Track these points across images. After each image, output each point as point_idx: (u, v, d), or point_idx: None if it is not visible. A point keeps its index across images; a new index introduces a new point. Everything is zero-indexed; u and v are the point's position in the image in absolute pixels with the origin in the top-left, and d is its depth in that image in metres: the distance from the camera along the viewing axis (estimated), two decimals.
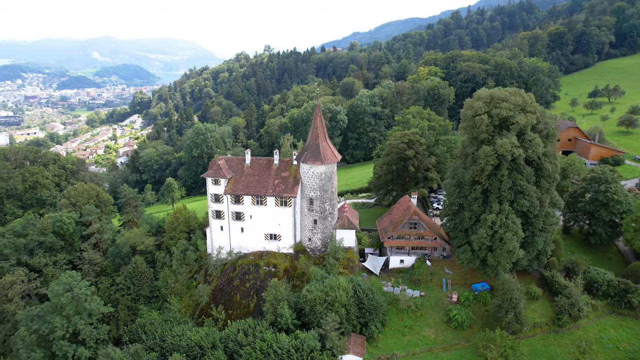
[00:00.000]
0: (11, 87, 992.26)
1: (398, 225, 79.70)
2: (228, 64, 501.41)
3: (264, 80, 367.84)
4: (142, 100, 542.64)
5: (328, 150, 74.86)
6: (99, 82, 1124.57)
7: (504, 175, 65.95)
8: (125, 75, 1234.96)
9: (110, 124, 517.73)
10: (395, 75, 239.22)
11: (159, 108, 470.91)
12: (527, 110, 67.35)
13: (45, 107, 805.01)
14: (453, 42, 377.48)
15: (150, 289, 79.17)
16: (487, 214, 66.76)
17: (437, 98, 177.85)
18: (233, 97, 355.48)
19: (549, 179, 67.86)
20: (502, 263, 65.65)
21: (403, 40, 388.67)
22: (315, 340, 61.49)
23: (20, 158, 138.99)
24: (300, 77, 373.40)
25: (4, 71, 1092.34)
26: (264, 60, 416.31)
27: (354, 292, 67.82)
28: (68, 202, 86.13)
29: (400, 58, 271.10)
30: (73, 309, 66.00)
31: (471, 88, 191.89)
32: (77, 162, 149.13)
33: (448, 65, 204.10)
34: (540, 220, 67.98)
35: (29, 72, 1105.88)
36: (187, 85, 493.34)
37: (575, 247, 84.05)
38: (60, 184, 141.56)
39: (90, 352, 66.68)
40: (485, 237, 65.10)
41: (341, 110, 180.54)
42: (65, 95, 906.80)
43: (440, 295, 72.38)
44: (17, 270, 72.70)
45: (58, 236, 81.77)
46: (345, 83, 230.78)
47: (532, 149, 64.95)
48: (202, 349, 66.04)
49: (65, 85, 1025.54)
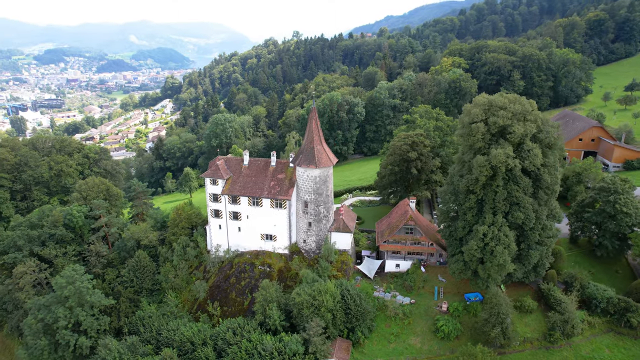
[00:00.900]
0: (55, 70, 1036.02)
1: (394, 229, 79.17)
2: (256, 50, 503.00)
3: (290, 67, 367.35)
4: (173, 84, 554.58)
5: (323, 154, 74.74)
6: (135, 66, 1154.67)
7: (499, 185, 64.05)
8: (160, 59, 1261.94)
9: (142, 108, 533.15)
10: (419, 65, 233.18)
11: (189, 93, 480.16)
12: (526, 119, 64.63)
13: (85, 90, 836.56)
14: (486, 28, 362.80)
15: (152, 283, 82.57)
16: (479, 224, 65.29)
17: (458, 91, 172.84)
18: (259, 84, 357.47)
19: (548, 191, 65.35)
20: (492, 276, 64.30)
21: (433, 26, 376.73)
22: (298, 344, 62.74)
23: (47, 147, 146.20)
24: (327, 64, 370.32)
25: (48, 55, 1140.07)
26: (290, 47, 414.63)
27: (341, 297, 68.37)
28: (79, 195, 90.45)
29: (426, 47, 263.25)
30: (75, 301, 69.96)
31: (495, 81, 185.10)
32: (99, 151, 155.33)
33: (473, 56, 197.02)
34: (536, 233, 65.81)
35: (71, 56, 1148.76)
36: (216, 71, 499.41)
37: (581, 258, 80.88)
38: (84, 172, 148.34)
39: (91, 341, 70.72)
40: (475, 248, 63.82)
41: (359, 102, 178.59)
42: (104, 79, 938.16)
43: (430, 303, 71.83)
44: (29, 261, 77.67)
45: (69, 229, 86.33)
46: (368, 73, 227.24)
47: (529, 160, 62.53)
48: (194, 345, 68.73)
49: (103, 69, 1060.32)
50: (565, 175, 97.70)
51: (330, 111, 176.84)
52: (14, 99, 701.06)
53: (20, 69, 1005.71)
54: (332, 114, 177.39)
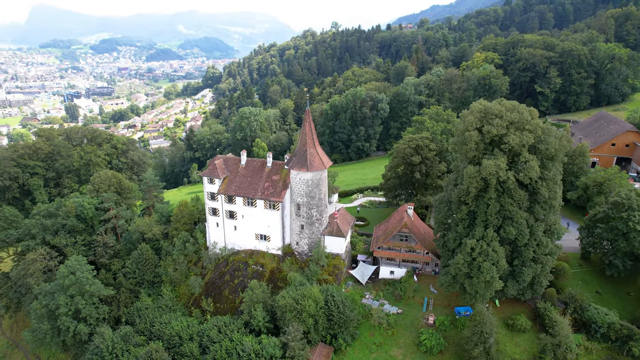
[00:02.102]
0: (108, 59, 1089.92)
1: (389, 235, 77.50)
2: (295, 41, 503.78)
3: (325, 59, 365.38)
4: (214, 74, 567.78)
5: (316, 157, 74.02)
6: (182, 55, 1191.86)
7: (492, 198, 60.85)
8: (206, 48, 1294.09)
9: (184, 97, 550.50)
10: (452, 60, 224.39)
11: (228, 84, 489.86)
12: (524, 129, 60.71)
13: (134, 78, 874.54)
14: (532, 19, 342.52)
15: (153, 275, 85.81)
16: (468, 238, 62.54)
17: (487, 88, 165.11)
18: (293, 76, 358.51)
19: (545, 206, 61.42)
20: (480, 292, 61.53)
21: (475, 17, 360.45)
22: (275, 348, 63.19)
23: (79, 137, 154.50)
24: (362, 56, 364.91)
25: (103, 45, 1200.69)
26: (327, 38, 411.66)
27: (325, 303, 68.00)
28: (92, 188, 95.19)
29: (462, 40, 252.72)
30: (76, 290, 74.02)
31: (530, 78, 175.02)
32: (127, 142, 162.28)
33: (507, 51, 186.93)
34: (530, 250, 62.18)
35: (123, 45, 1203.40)
36: (254, 62, 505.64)
37: (590, 276, 75.73)
38: (112, 162, 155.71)
39: (89, 329, 74.78)
40: (462, 263, 61.25)
41: (383, 98, 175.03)
42: (152, 67, 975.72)
43: (418, 314, 69.95)
44: (40, 249, 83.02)
45: (80, 220, 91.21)
46: (398, 67, 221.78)
47: (524, 172, 58.84)
48: (181, 339, 70.95)
49: (152, 58, 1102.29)
50: (586, 185, 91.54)
51: (353, 107, 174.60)
52: (70, 86, 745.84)
53: (78, 58, 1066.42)
54: (355, 110, 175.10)
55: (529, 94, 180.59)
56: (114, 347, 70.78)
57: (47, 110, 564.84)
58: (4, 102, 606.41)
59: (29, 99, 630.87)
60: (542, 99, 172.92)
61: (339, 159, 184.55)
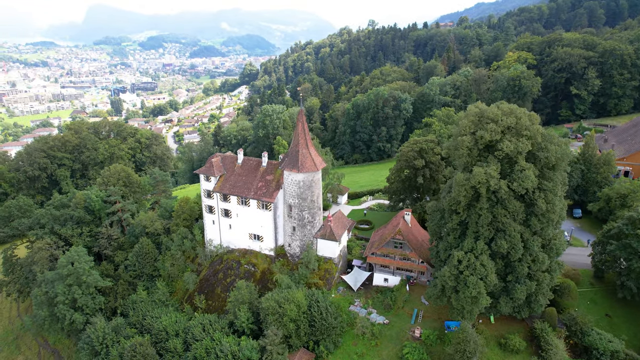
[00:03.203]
0: (154, 55, 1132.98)
1: (383, 242, 74.69)
2: (331, 39, 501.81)
3: (358, 57, 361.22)
4: (251, 71, 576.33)
5: (308, 158, 72.31)
6: (224, 52, 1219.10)
7: (483, 208, 56.97)
8: (248, 45, 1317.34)
9: (221, 93, 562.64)
10: (485, 60, 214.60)
11: (263, 81, 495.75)
12: (521, 134, 56.28)
13: (177, 74, 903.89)
14: (580, 17, 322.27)
15: (152, 269, 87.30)
16: (457, 249, 58.91)
17: (517, 90, 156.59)
18: (325, 74, 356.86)
19: (542, 219, 56.69)
20: (466, 308, 57.77)
21: (518, 15, 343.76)
22: (253, 351, 62.34)
23: (107, 131, 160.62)
24: (397, 55, 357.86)
25: (150, 42, 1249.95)
26: (361, 37, 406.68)
27: (308, 308, 66.38)
28: (102, 181, 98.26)
29: (497, 39, 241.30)
30: (74, 280, 76.46)
31: (565, 79, 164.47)
32: (150, 137, 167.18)
33: (543, 50, 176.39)
34: (524, 266, 57.69)
35: (169, 42, 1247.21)
36: (290, 59, 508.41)
37: (601, 297, 69.62)
38: (135, 155, 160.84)
39: (85, 318, 77.04)
40: (449, 275, 57.78)
41: (407, 98, 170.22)
42: (194, 64, 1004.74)
43: (405, 326, 66.84)
44: (47, 238, 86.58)
45: (88, 211, 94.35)
46: (427, 67, 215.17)
47: (518, 181, 54.53)
48: (168, 335, 71.65)
49: (195, 54, 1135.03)
50: (608, 196, 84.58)
51: (375, 107, 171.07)
52: (118, 81, 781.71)
53: (127, 54, 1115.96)
54: (376, 110, 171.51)
55: (564, 97, 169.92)
56: (105, 338, 72.69)
57: (95, 104, 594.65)
58: (58, 96, 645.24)
59: (80, 93, 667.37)
60: (579, 102, 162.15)
61: (359, 159, 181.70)
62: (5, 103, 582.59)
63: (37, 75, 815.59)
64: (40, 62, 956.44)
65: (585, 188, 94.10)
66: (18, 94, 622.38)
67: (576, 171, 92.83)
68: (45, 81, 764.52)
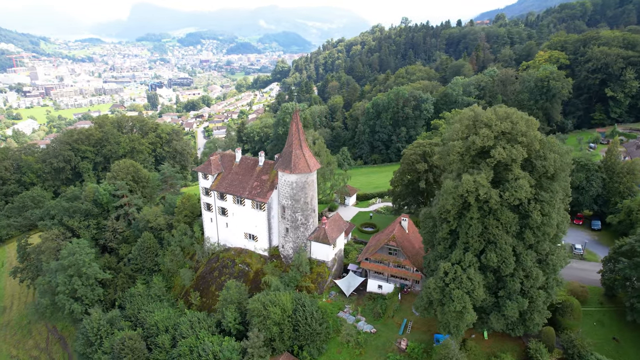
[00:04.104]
0: (192, 51, 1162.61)
1: (377, 247, 72.31)
2: (363, 37, 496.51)
3: (387, 55, 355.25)
4: (283, 68, 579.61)
5: (301, 159, 70.89)
6: (260, 49, 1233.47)
7: (474, 218, 53.69)
8: (284, 42, 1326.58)
9: (253, 90, 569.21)
10: (516, 59, 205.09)
11: (294, 78, 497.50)
12: (516, 141, 52.51)
13: (213, 70, 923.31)
14: (629, 13, 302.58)
15: (153, 263, 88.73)
16: (444, 260, 55.94)
17: (545, 91, 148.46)
18: (354, 73, 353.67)
19: (538, 232, 52.73)
20: (452, 323, 54.73)
21: (558, 12, 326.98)
22: (233, 352, 61.78)
23: (129, 126, 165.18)
24: (428, 53, 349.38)
25: (189, 38, 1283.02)
26: (392, 34, 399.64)
27: (293, 312, 65.14)
28: (111, 175, 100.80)
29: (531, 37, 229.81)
30: (74, 271, 78.69)
31: (600, 80, 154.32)
32: (171, 132, 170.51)
33: (577, 50, 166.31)
34: (516, 281, 53.93)
35: (207, 39, 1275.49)
36: (321, 57, 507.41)
37: (609, 318, 64.44)
38: (156, 150, 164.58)
39: (83, 308, 79.18)
40: (434, 287, 54.93)
41: (428, 98, 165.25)
42: (230, 60, 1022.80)
43: (393, 336, 64.32)
44: (55, 229, 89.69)
45: (97, 204, 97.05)
46: (454, 66, 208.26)
47: (511, 191, 50.96)
48: (158, 330, 72.39)
49: (232, 51, 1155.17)
50: (630, 208, 78.59)
51: (395, 106, 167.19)
52: (156, 77, 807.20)
53: (167, 50, 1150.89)
54: (396, 110, 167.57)
55: (599, 99, 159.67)
56: (99, 329, 74.27)
57: (133, 98, 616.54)
58: (100, 90, 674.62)
59: (120, 88, 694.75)
60: (614, 105, 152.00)
61: (378, 160, 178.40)
62: (52, 96, 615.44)
63: (83, 70, 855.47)
64: (86, 58, 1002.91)
65: (606, 198, 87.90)
66: (64, 88, 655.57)
67: (597, 179, 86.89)
68: (90, 76, 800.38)
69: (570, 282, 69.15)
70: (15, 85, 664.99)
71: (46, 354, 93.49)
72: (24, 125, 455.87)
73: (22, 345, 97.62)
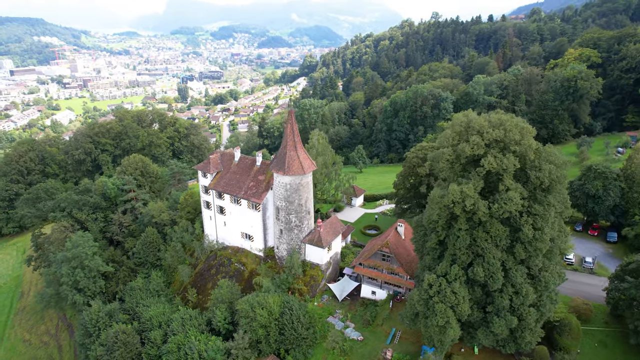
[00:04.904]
0: (224, 45, 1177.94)
1: (371, 253, 70.68)
2: (391, 32, 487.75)
3: (414, 51, 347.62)
4: (311, 63, 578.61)
5: (295, 161, 69.90)
6: (291, 42, 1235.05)
7: (462, 229, 51.34)
8: (315, 37, 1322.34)
9: (280, 84, 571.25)
10: (545, 57, 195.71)
11: (321, 73, 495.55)
12: (509, 150, 49.63)
13: (244, 64, 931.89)
14: None
15: (155, 258, 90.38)
16: (429, 272, 53.87)
17: (572, 92, 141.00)
18: (379, 68, 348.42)
19: (529, 247, 49.80)
20: (435, 337, 52.68)
21: (599, 6, 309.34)
22: (217, 353, 62.00)
23: (149, 120, 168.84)
24: (456, 49, 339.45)
25: (222, 31, 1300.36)
26: (420, 30, 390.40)
27: (280, 315, 64.65)
28: (121, 169, 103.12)
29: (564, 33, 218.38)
30: (78, 263, 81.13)
31: (634, 80, 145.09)
32: (189, 127, 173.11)
33: (611, 47, 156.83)
34: (505, 298, 51.23)
35: (239, 32, 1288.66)
36: (349, 52, 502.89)
37: (614, 340, 60.51)
38: (174, 144, 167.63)
39: (85, 299, 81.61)
40: (418, 300, 53.06)
41: (448, 97, 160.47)
42: (261, 54, 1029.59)
43: (379, 345, 62.79)
44: (64, 221, 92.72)
45: (105, 198, 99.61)
46: (478, 63, 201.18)
47: (500, 203, 48.28)
48: (152, 325, 73.65)
49: (263, 45, 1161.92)
50: None
51: (413, 104, 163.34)
52: (188, 69, 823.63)
53: (199, 43, 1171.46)
54: (415, 108, 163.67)
55: (632, 100, 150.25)
56: (98, 321, 76.37)
57: (165, 90, 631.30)
58: (133, 82, 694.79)
59: (153, 80, 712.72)
60: None
61: (394, 159, 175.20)
62: (89, 88, 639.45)
63: (119, 63, 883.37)
64: (123, 51, 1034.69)
65: (624, 209, 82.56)
66: (101, 80, 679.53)
67: (615, 189, 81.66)
68: (125, 68, 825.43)
69: (573, 298, 65.61)
70: (57, 77, 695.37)
71: (55, 340, 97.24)
72: (61, 116, 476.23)
73: (34, 330, 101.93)
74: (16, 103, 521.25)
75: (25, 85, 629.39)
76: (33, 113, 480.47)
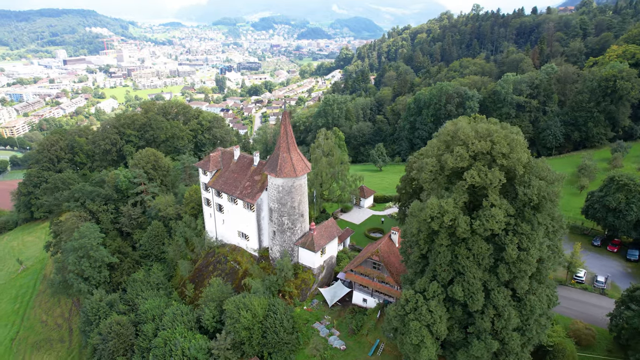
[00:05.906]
0: (264, 36, 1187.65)
1: (362, 259, 68.82)
2: (429, 24, 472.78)
3: (450, 45, 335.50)
4: (347, 55, 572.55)
5: (288, 163, 68.76)
6: (331, 34, 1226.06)
7: (443, 245, 48.67)
8: (355, 28, 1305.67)
9: (315, 77, 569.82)
10: (588, 53, 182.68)
11: (356, 66, 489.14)
12: (496, 163, 46.25)
13: (282, 55, 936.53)
14: None
15: (160, 251, 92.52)
16: (406, 287, 51.55)
17: (610, 92, 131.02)
18: (413, 63, 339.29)
19: (513, 268, 46.39)
20: (410, 356, 50.49)
21: None
22: (200, 352, 62.55)
23: (173, 113, 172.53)
24: (495, 44, 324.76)
25: (262, 22, 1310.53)
26: (458, 23, 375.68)
27: (264, 318, 64.29)
28: (133, 162, 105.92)
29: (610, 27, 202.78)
30: (84, 253, 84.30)
31: None
32: (212, 119, 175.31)
33: None
34: (486, 320, 48.13)
35: (279, 24, 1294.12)
36: (384, 45, 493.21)
37: None
38: (197, 136, 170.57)
39: (90, 288, 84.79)
40: (394, 315, 51.04)
41: (474, 95, 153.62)
42: (300, 45, 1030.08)
43: (362, 356, 61.12)
44: (76, 211, 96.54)
45: (118, 191, 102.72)
46: (512, 60, 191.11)
47: (481, 221, 45.22)
48: (147, 318, 75.45)
49: (303, 36, 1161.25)
50: None
51: (437, 102, 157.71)
52: (227, 60, 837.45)
53: (240, 34, 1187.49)
54: (439, 106, 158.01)
55: None
56: (99, 310, 79.19)
57: (204, 81, 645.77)
58: (174, 72, 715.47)
59: (193, 70, 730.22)
60: None
61: None
62: (133, 77, 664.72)
63: (162, 53, 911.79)
64: (166, 41, 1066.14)
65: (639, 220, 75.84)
66: (144, 70, 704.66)
67: (638, 203, 75.07)
68: (168, 58, 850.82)
69: (575, 320, 61.11)
70: (104, 67, 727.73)
71: (67, 323, 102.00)
72: (105, 104, 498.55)
73: (51, 312, 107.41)
74: (66, 91, 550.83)
75: (75, 74, 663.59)
76: (80, 101, 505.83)
